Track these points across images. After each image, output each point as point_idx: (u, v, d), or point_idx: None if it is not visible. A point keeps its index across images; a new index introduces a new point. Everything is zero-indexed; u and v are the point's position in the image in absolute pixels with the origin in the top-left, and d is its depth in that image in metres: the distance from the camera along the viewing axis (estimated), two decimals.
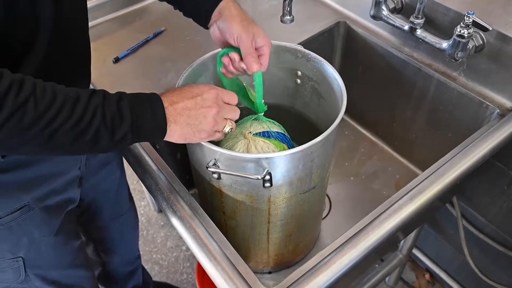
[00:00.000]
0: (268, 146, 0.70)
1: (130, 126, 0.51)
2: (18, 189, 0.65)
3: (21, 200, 0.65)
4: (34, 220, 0.69)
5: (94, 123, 0.48)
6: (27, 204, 0.66)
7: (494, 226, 1.05)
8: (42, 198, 0.69)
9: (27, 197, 0.66)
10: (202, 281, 1.23)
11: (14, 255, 0.71)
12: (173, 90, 0.58)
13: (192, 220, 0.64)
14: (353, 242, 0.60)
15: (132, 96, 0.53)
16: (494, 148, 0.74)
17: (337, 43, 1.07)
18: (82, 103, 0.48)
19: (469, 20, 0.74)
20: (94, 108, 0.48)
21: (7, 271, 0.73)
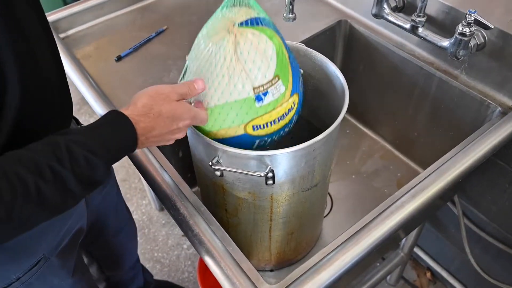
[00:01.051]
0: (259, 40, 0.59)
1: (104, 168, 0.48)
2: (33, 244, 0.61)
3: (37, 255, 0.62)
4: (52, 269, 0.66)
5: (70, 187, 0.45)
6: (43, 256, 0.63)
7: (496, 225, 1.05)
8: (57, 244, 0.66)
9: (42, 248, 0.63)
10: (204, 279, 1.23)
11: None
12: (145, 111, 0.53)
13: (195, 217, 0.64)
14: (356, 239, 0.60)
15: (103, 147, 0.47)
16: (496, 146, 0.74)
17: (339, 42, 1.07)
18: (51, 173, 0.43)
19: (471, 18, 0.74)
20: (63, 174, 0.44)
21: None
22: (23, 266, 0.60)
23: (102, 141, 0.47)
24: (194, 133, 0.64)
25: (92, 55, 1.00)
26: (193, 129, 0.64)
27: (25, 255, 0.60)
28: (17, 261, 0.59)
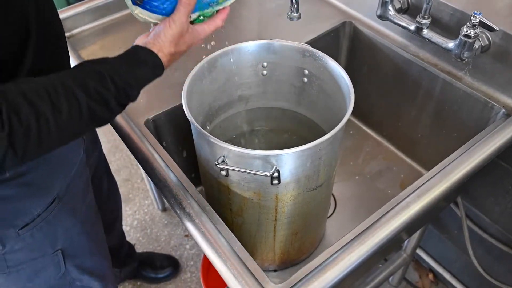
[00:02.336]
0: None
1: (137, 93, 0.59)
2: (47, 183, 0.68)
3: (52, 193, 0.69)
4: (65, 209, 0.73)
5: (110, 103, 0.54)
6: (57, 196, 0.70)
7: (499, 226, 1.05)
8: (66, 187, 0.72)
9: (55, 188, 0.70)
10: (207, 279, 1.23)
11: (54, 248, 0.74)
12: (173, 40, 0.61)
13: (201, 216, 0.64)
14: (361, 239, 0.60)
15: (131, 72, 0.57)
16: (500, 147, 0.75)
17: (343, 43, 1.08)
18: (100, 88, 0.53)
19: (476, 20, 0.75)
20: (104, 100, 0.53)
21: (49, 268, 0.76)
22: (41, 203, 0.68)
23: (136, 76, 0.57)
24: (200, 132, 0.64)
25: (97, 55, 1.01)
26: (199, 129, 0.64)
27: (43, 193, 0.68)
28: (37, 197, 0.67)
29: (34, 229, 0.68)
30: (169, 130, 0.89)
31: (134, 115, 0.84)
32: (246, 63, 0.81)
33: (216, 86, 0.81)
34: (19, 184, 0.63)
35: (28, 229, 0.68)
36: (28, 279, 0.75)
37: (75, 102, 0.50)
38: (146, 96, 0.89)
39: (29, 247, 0.70)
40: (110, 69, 0.55)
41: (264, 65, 0.82)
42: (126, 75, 0.56)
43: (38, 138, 0.48)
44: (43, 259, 0.74)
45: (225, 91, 0.84)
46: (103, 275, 0.91)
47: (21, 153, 0.47)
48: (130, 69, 0.57)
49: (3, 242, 0.67)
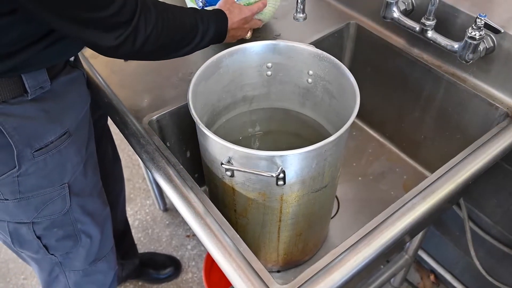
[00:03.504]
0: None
1: (211, 38, 0.78)
2: (61, 116, 0.76)
3: (64, 126, 0.76)
4: (73, 146, 0.79)
5: (197, 37, 0.75)
6: (68, 130, 0.77)
7: (501, 228, 1.05)
8: (76, 126, 0.79)
9: (67, 123, 0.77)
10: (209, 279, 1.23)
11: (61, 181, 0.79)
12: (233, 8, 0.84)
13: (206, 217, 0.64)
14: (367, 240, 0.60)
15: (213, 19, 0.78)
16: (505, 149, 0.75)
17: (347, 44, 1.08)
18: (196, 25, 0.74)
19: (481, 22, 0.75)
20: (196, 29, 0.75)
21: (56, 201, 0.80)
22: (56, 132, 0.74)
23: (219, 25, 0.79)
24: (205, 133, 0.64)
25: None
26: (204, 129, 0.64)
27: (57, 123, 0.75)
28: (52, 125, 0.74)
29: (47, 154, 0.74)
30: (173, 130, 0.89)
31: (139, 115, 0.84)
32: (251, 63, 0.81)
33: (221, 86, 0.81)
34: (38, 108, 0.71)
35: (42, 153, 0.73)
36: (35, 209, 0.79)
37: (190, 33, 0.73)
38: (150, 96, 0.89)
39: (41, 173, 0.75)
40: (208, 17, 0.77)
41: (269, 65, 0.82)
42: (215, 23, 0.78)
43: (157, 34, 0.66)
44: (52, 189, 0.78)
45: (230, 91, 0.84)
46: (104, 223, 0.95)
47: (138, 45, 0.65)
48: (216, 18, 0.79)
49: (19, 162, 0.72)
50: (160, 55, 0.74)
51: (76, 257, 0.93)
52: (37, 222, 0.81)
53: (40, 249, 0.86)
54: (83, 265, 0.95)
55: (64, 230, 0.86)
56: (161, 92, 0.89)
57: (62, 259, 0.91)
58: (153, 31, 0.66)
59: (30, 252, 0.87)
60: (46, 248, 0.86)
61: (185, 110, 0.73)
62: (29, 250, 0.86)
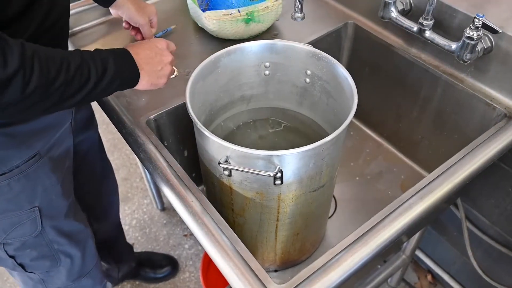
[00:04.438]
0: None
1: (114, 73, 0.63)
2: (30, 139, 0.71)
3: (33, 149, 0.72)
4: (45, 168, 0.75)
5: (91, 78, 0.60)
6: (38, 153, 0.72)
7: (498, 228, 1.05)
8: (48, 147, 0.75)
9: (37, 145, 0.72)
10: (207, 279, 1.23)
11: (31, 204, 0.76)
12: (132, 44, 0.70)
13: (204, 216, 0.64)
14: (364, 240, 0.60)
15: (110, 52, 0.64)
16: (502, 150, 0.75)
17: (345, 44, 1.08)
18: (81, 64, 0.59)
19: (479, 22, 0.75)
20: (88, 67, 0.59)
21: (25, 224, 0.77)
22: (22, 155, 0.70)
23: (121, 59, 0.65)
24: (203, 132, 0.64)
25: None
26: (202, 128, 0.64)
27: (24, 147, 0.70)
28: (18, 149, 0.69)
29: (12, 179, 0.70)
30: (170, 129, 0.89)
31: (136, 114, 0.83)
32: (248, 63, 0.81)
33: (219, 86, 0.81)
34: (3, 133, 0.67)
35: (6, 178, 0.69)
36: (3, 231, 0.76)
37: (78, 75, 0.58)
38: (147, 95, 0.88)
39: (6, 197, 0.72)
40: (104, 60, 0.63)
41: (267, 65, 0.82)
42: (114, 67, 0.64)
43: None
44: (20, 213, 0.75)
45: (227, 90, 0.84)
46: (83, 242, 0.91)
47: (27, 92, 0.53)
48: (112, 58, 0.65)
49: None
50: (38, 107, 0.57)
51: (58, 275, 0.90)
52: (8, 243, 0.78)
53: (16, 267, 0.83)
54: (65, 283, 0.92)
55: (39, 251, 0.82)
56: (158, 91, 0.89)
57: (43, 276, 0.88)
58: (18, 76, 0.52)
59: (8, 268, 0.85)
60: (22, 267, 0.84)
61: (183, 110, 0.73)
62: (7, 267, 0.84)
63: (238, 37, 1.00)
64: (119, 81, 0.64)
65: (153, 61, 0.70)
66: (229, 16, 0.95)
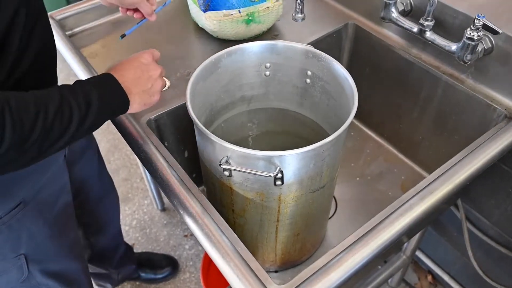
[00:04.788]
0: None
1: (99, 106, 0.56)
2: (13, 187, 0.65)
3: (16, 198, 0.66)
4: (31, 214, 0.70)
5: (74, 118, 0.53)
6: (22, 201, 0.67)
7: (498, 229, 1.05)
8: (35, 192, 0.70)
9: (21, 193, 0.67)
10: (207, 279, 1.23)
11: (16, 253, 0.71)
12: (115, 65, 0.64)
13: (204, 217, 0.64)
14: (365, 240, 0.60)
15: (92, 83, 0.58)
16: (503, 150, 0.75)
17: (345, 44, 1.08)
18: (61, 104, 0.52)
19: (480, 23, 0.75)
20: (69, 106, 0.53)
21: (11, 271, 0.73)
22: (4, 207, 0.65)
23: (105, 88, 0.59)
24: (203, 133, 0.64)
25: (99, 53, 1.01)
26: (202, 129, 0.64)
27: (7, 197, 0.65)
28: (0, 201, 0.64)
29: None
30: (170, 130, 0.89)
31: (137, 115, 0.83)
32: (249, 63, 0.81)
33: (219, 86, 0.81)
34: None
35: None
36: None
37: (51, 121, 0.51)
38: None
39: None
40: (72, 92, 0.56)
41: (267, 65, 0.82)
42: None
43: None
44: (4, 262, 0.71)
45: (228, 91, 0.84)
46: (73, 280, 0.88)
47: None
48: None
49: None
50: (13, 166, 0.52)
51: None
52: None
53: None
54: None
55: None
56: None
57: None
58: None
59: None
60: None
61: (183, 110, 0.73)
62: None
63: (238, 37, 1.00)
64: (107, 113, 0.58)
65: (141, 80, 0.63)
66: (230, 17, 0.95)
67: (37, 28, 0.59)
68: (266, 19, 0.99)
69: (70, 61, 0.94)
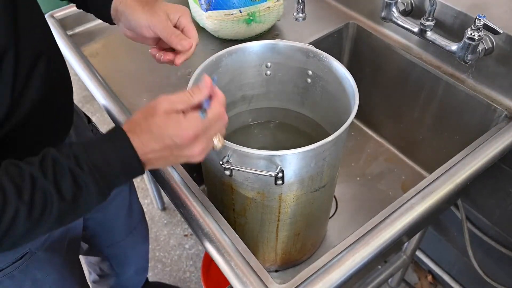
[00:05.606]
0: None
1: (97, 195, 0.44)
2: None
3: (22, 249, 0.61)
4: (36, 263, 0.65)
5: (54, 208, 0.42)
6: (29, 251, 0.62)
7: (499, 229, 1.05)
8: (43, 241, 0.65)
9: (29, 245, 0.62)
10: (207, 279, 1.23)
11: None
12: (139, 119, 0.47)
13: (205, 216, 0.64)
14: (366, 240, 0.60)
15: (94, 164, 0.44)
16: (503, 150, 0.75)
17: (346, 44, 1.08)
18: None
19: (480, 23, 0.75)
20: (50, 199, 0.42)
21: None
22: (7, 259, 0.59)
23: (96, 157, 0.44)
24: None
25: (100, 53, 1.01)
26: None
27: (10, 251, 0.57)
28: (3, 254, 0.58)
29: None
30: None
31: None
32: (250, 63, 0.81)
33: (220, 86, 0.80)
34: None
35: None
36: None
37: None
38: (149, 95, 0.89)
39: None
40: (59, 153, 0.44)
41: (268, 65, 0.82)
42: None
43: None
44: None
45: (229, 90, 0.84)
46: None
47: None
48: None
49: None
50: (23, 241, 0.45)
51: None
52: None
53: None
54: None
55: None
56: (160, 91, 0.89)
57: None
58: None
59: None
60: None
61: None
62: None
63: (239, 37, 1.00)
64: (100, 194, 0.45)
65: (166, 160, 0.49)
66: (231, 17, 0.95)
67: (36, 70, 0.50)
68: (267, 19, 0.99)
69: (71, 61, 0.94)
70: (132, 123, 0.47)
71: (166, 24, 0.57)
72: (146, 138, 0.45)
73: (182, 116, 0.47)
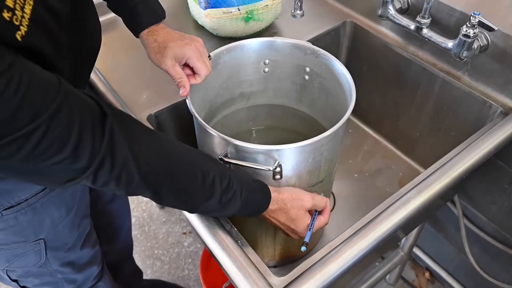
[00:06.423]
0: None
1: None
2: None
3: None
4: (55, 200, 0.72)
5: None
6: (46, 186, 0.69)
7: (495, 225, 1.06)
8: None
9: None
10: (206, 275, 1.24)
11: (37, 236, 0.74)
12: (281, 208, 0.67)
13: None
14: (363, 233, 0.61)
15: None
16: (498, 146, 0.76)
17: (343, 42, 1.09)
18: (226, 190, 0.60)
19: (475, 20, 0.76)
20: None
21: (29, 255, 0.75)
22: (31, 189, 0.67)
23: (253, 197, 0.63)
24: (203, 127, 0.65)
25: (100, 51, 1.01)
26: (202, 123, 0.65)
27: None
28: (26, 186, 0.67)
29: (19, 212, 0.68)
30: (170, 125, 0.90)
31: (137, 110, 0.84)
32: (248, 60, 0.82)
33: (218, 83, 0.82)
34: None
35: (12, 211, 0.67)
36: (6, 260, 0.75)
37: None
38: (148, 91, 0.89)
39: (11, 230, 0.70)
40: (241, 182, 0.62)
41: (266, 62, 0.83)
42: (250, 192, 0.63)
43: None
44: (25, 244, 0.73)
45: (227, 87, 0.85)
46: (90, 268, 0.90)
47: (99, 185, 0.51)
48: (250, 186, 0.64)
49: None
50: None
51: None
52: (10, 270, 0.78)
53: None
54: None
55: (41, 279, 0.81)
56: (159, 88, 0.90)
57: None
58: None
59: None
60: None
61: (183, 106, 0.74)
62: (10, 285, 0.83)
63: (237, 35, 1.01)
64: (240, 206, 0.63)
65: (282, 227, 0.71)
66: (229, 15, 0.96)
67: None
68: (265, 17, 1.00)
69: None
70: (279, 200, 0.66)
71: (173, 70, 0.70)
72: (280, 212, 0.67)
73: (309, 215, 0.70)
